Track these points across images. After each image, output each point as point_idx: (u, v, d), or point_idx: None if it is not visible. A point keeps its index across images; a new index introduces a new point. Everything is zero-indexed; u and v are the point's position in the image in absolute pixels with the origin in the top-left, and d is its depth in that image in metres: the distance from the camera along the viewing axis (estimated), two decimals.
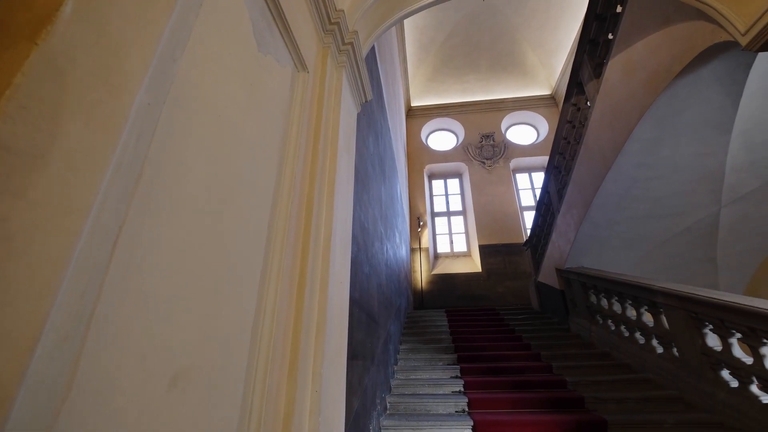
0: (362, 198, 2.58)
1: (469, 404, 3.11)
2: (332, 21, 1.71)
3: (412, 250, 9.15)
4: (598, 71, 4.17)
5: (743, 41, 2.25)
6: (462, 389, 3.45)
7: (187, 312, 0.75)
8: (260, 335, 1.02)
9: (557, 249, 5.48)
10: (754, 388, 2.48)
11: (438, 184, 10.87)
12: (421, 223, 9.53)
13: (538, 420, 2.79)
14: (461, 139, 10.98)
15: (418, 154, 10.66)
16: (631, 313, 3.89)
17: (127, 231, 0.62)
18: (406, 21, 9.21)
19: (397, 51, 8.63)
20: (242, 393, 0.93)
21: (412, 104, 11.36)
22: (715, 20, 2.40)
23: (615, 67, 3.73)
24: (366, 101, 2.05)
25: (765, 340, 2.35)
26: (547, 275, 5.95)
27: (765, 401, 2.39)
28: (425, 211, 9.79)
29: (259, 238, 1.06)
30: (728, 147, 3.58)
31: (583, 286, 4.78)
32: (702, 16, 2.53)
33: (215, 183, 0.87)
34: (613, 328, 4.17)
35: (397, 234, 5.53)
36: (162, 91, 0.73)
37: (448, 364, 4.08)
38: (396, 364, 4.06)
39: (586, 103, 4.59)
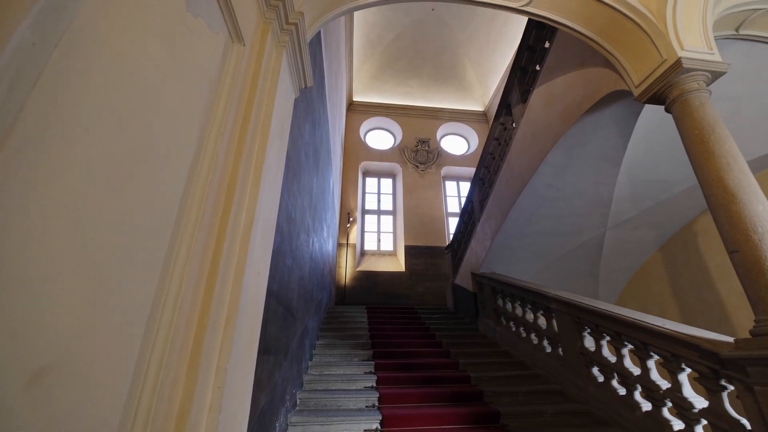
0: (292, 187, 2.48)
1: (379, 399, 3.20)
2: None
3: (339, 245, 9.11)
4: (525, 97, 4.58)
5: (636, 92, 2.67)
6: (374, 385, 3.53)
7: (63, 297, 0.63)
8: (157, 325, 0.92)
9: (474, 254, 5.92)
10: (615, 383, 2.96)
11: (372, 182, 10.98)
12: (351, 219, 9.54)
13: (441, 413, 2.97)
14: (398, 140, 11.24)
15: (355, 150, 10.65)
16: (530, 316, 4.37)
17: None
18: (356, 14, 9.12)
19: (344, 42, 8.49)
20: (128, 390, 0.82)
21: (354, 99, 11.30)
22: (618, 71, 2.81)
23: (539, 95, 4.14)
24: (306, 87, 1.97)
25: (626, 343, 2.82)
26: (464, 278, 6.39)
27: (621, 393, 2.86)
28: (356, 207, 9.82)
29: (167, 218, 0.95)
30: (617, 179, 4.21)
31: (493, 290, 5.23)
32: (609, 65, 2.93)
33: (117, 150, 0.75)
34: (513, 329, 4.64)
35: (325, 228, 5.45)
36: (54, 32, 0.61)
37: (364, 360, 4.14)
38: (311, 359, 4.00)
39: (512, 124, 5.02)
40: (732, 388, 1.99)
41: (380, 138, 11.56)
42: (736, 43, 2.99)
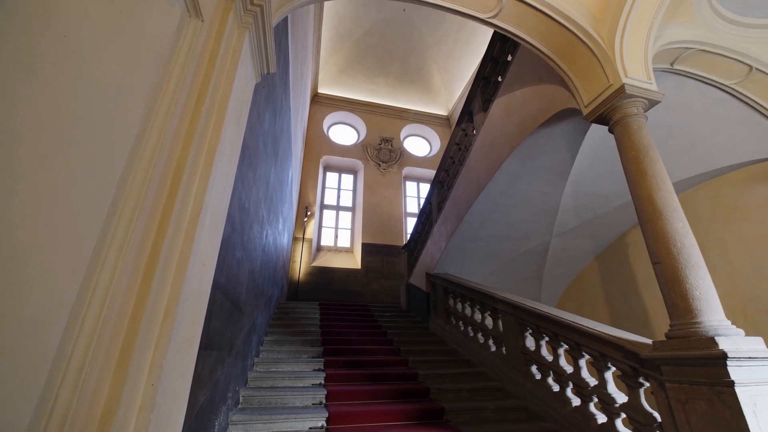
0: (247, 176, 2.37)
1: (327, 396, 3.17)
2: None
3: (295, 239, 8.91)
4: (486, 105, 4.76)
5: (584, 111, 2.87)
6: (323, 382, 3.49)
7: None
8: (83, 317, 0.84)
9: (430, 255, 6.06)
10: (550, 380, 3.17)
11: (332, 177, 10.85)
12: (309, 213, 9.36)
13: (388, 410, 3.01)
14: (362, 137, 11.20)
15: (317, 143, 10.46)
16: (478, 316, 4.55)
17: None
18: (326, 4, 8.94)
19: (312, 32, 8.29)
20: (42, 388, 0.74)
21: (319, 91, 11.09)
22: (571, 90, 3.00)
23: (499, 106, 4.32)
24: (268, 73, 1.90)
25: (562, 343, 3.03)
26: (418, 278, 6.51)
27: (555, 390, 3.07)
28: (315, 201, 9.66)
29: (101, 201, 0.87)
30: (563, 191, 4.51)
31: (445, 290, 5.39)
32: (563, 84, 3.13)
33: (41, 120, 0.67)
34: (462, 328, 4.81)
35: (281, 220, 5.29)
36: None
37: (313, 357, 4.08)
38: (257, 355, 3.87)
39: (473, 131, 5.20)
40: (648, 384, 2.22)
41: (343, 133, 11.45)
42: (670, 76, 3.33)
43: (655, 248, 2.22)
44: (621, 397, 2.48)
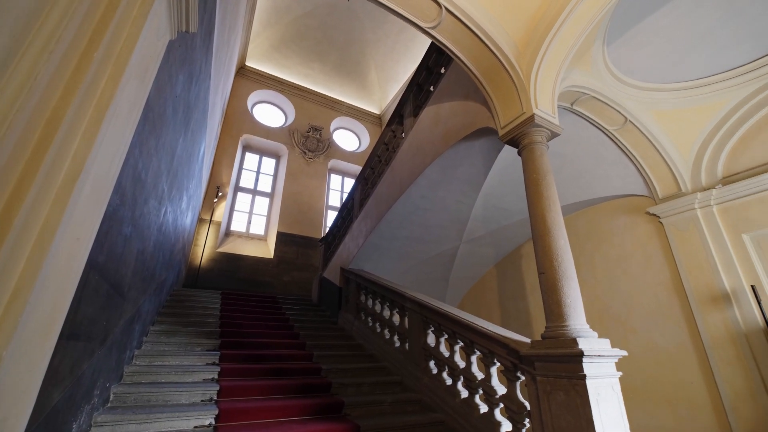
0: (148, 142, 2.05)
1: (219, 392, 2.94)
2: None
3: (201, 221, 8.13)
4: (416, 111, 4.93)
5: (500, 132, 3.15)
6: (216, 377, 3.23)
7: None
8: None
9: (347, 250, 6.06)
10: (445, 374, 3.42)
11: (252, 159, 10.17)
12: (220, 194, 8.62)
13: (285, 405, 2.92)
14: (290, 121, 10.73)
15: (239, 119, 9.69)
16: (387, 313, 4.69)
17: None
18: None
19: None
20: None
21: (247, 63, 10.29)
22: (491, 111, 3.28)
23: (429, 113, 4.51)
24: (187, 31, 1.67)
25: (459, 341, 3.29)
26: (332, 272, 6.47)
27: (448, 383, 3.32)
28: (229, 182, 8.93)
29: None
30: (475, 202, 4.91)
31: (358, 286, 5.44)
32: (486, 104, 3.40)
33: None
34: (370, 324, 4.91)
35: (185, 198, 4.76)
36: None
37: (208, 350, 3.76)
38: (139, 347, 3.43)
39: (401, 134, 5.34)
40: (523, 378, 2.53)
41: (269, 113, 10.82)
42: (570, 114, 3.85)
43: (542, 260, 2.54)
44: (501, 389, 2.78)
